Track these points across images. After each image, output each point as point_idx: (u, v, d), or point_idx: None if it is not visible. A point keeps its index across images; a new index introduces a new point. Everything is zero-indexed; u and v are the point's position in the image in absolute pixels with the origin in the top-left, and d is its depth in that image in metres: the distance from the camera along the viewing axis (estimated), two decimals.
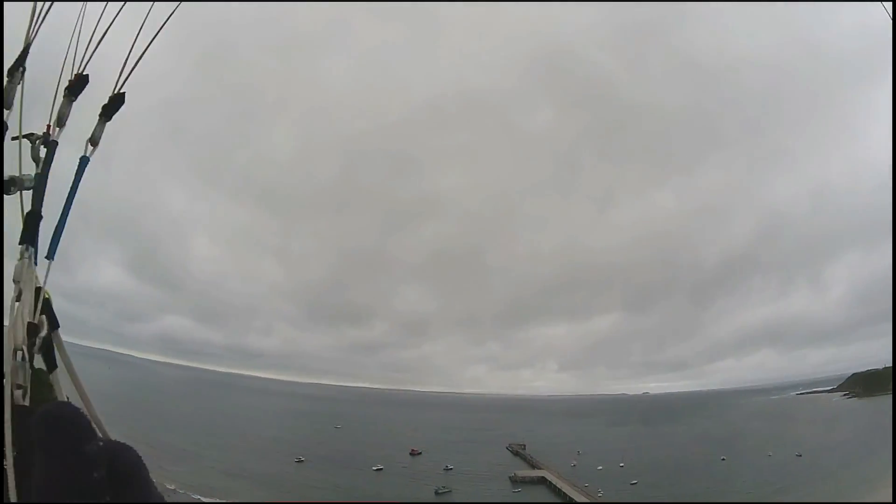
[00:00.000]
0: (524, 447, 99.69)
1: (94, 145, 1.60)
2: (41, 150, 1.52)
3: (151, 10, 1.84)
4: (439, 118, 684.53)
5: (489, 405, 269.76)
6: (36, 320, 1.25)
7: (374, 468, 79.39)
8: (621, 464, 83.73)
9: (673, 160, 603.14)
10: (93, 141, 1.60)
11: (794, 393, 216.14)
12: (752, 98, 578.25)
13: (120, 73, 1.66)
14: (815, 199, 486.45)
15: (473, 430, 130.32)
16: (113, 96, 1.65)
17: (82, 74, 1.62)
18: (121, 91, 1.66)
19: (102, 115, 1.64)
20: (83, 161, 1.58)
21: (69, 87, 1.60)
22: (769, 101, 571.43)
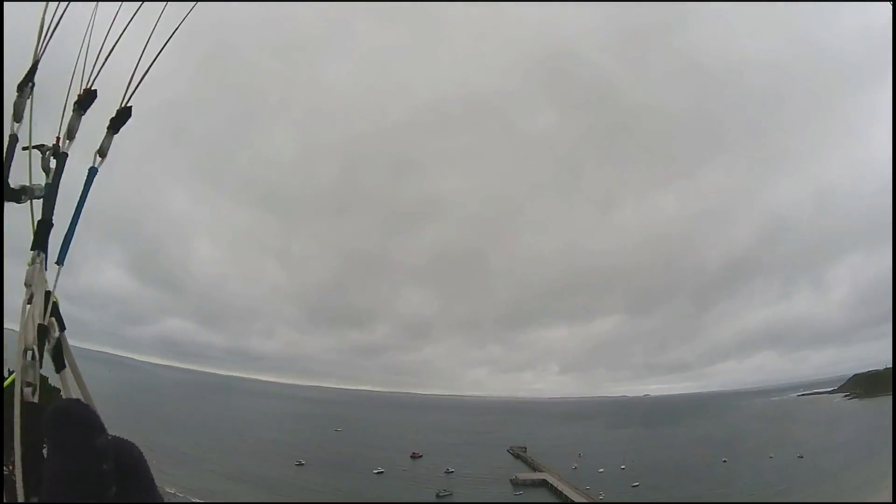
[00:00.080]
0: (525, 450, 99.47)
1: (102, 157, 1.67)
2: (51, 161, 1.59)
3: (157, 25, 1.91)
4: (441, 120, 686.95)
5: (490, 408, 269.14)
6: (46, 322, 1.32)
7: (375, 471, 79.30)
8: (622, 466, 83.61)
9: (675, 163, 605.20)
10: (101, 153, 1.67)
11: (796, 394, 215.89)
12: (754, 100, 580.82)
13: (127, 87, 1.73)
14: (817, 202, 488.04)
15: (474, 433, 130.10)
16: (120, 110, 1.72)
17: (91, 90, 1.69)
18: (128, 105, 1.73)
19: (110, 127, 1.71)
20: (92, 172, 1.64)
21: (78, 101, 1.67)
22: (771, 103, 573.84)
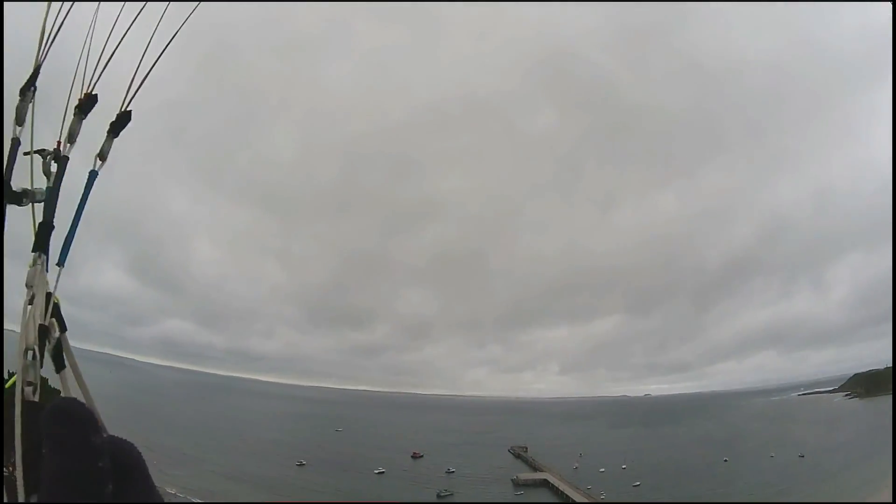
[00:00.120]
0: (526, 450, 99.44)
1: (102, 160, 1.70)
2: (52, 165, 1.62)
3: (157, 28, 1.91)
4: (441, 120, 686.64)
5: (490, 408, 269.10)
6: (47, 323, 1.35)
7: (376, 471, 79.26)
8: (623, 466, 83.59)
9: (675, 163, 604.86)
10: (101, 156, 1.70)
11: (796, 394, 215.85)
12: (754, 100, 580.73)
13: (126, 91, 1.75)
14: (817, 202, 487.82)
15: (475, 433, 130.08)
16: (120, 114, 1.74)
17: (91, 94, 1.71)
18: (127, 109, 1.75)
19: (110, 131, 1.73)
20: (92, 175, 1.67)
21: (79, 105, 1.69)
22: (771, 103, 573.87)
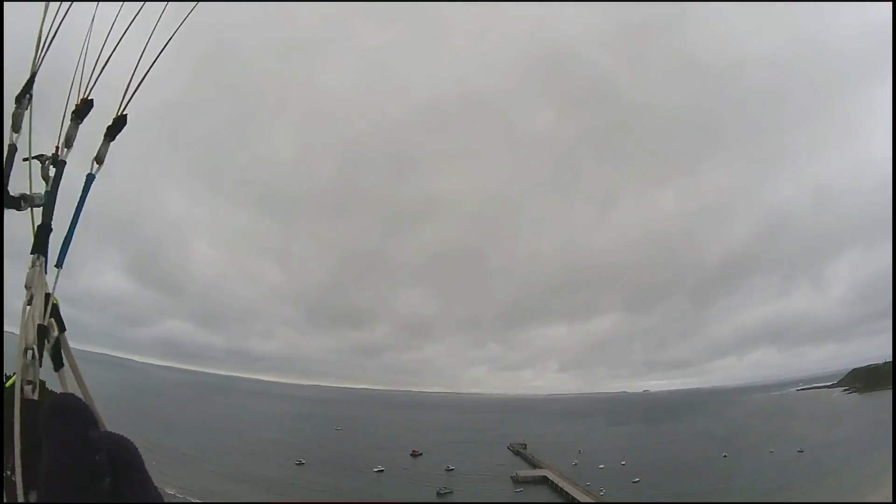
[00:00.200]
0: (525, 447, 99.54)
1: (99, 163, 1.75)
2: (50, 170, 1.67)
3: (154, 29, 1.96)
4: (440, 120, 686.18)
5: (490, 406, 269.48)
6: (45, 323, 1.41)
7: (376, 470, 79.29)
8: (623, 462, 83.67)
9: (674, 160, 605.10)
10: (98, 159, 1.75)
11: (795, 389, 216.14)
12: (753, 98, 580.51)
13: (123, 95, 1.79)
14: (816, 199, 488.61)
15: (474, 431, 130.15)
16: (116, 118, 1.78)
17: (88, 99, 1.75)
18: (123, 113, 1.79)
19: (107, 135, 1.77)
20: (89, 178, 1.72)
21: (76, 110, 1.73)
22: (770, 101, 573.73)
